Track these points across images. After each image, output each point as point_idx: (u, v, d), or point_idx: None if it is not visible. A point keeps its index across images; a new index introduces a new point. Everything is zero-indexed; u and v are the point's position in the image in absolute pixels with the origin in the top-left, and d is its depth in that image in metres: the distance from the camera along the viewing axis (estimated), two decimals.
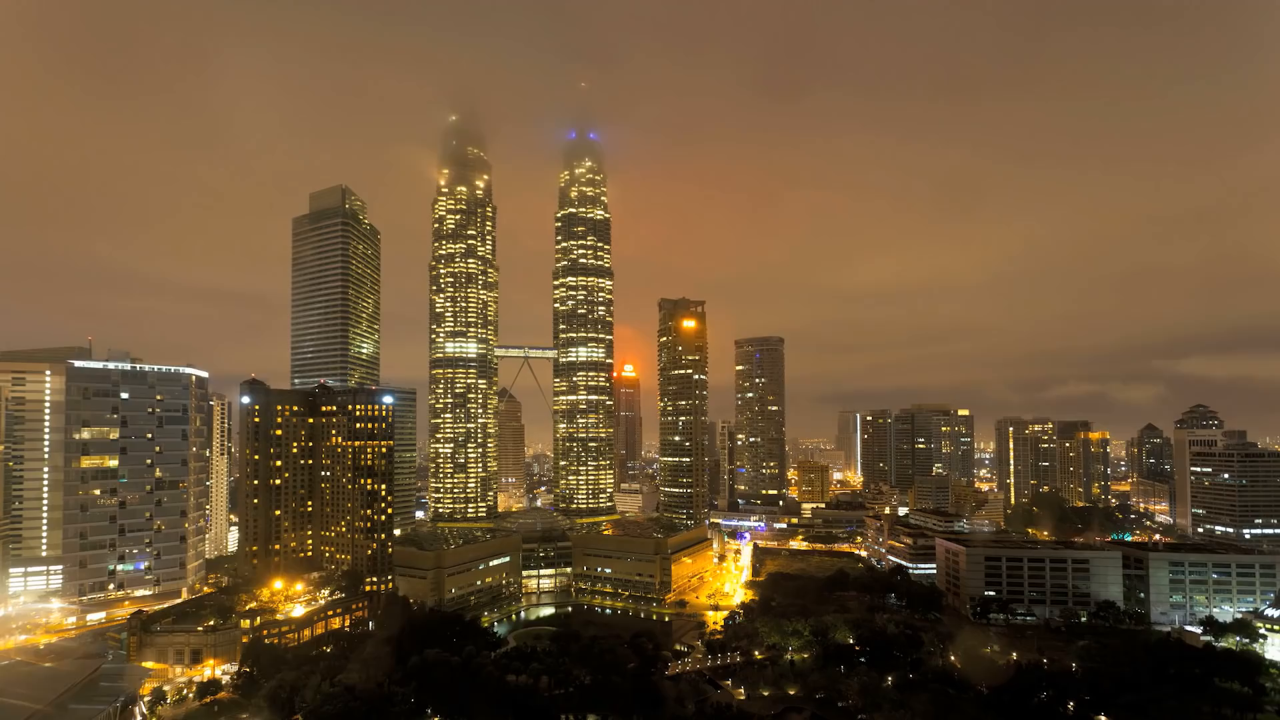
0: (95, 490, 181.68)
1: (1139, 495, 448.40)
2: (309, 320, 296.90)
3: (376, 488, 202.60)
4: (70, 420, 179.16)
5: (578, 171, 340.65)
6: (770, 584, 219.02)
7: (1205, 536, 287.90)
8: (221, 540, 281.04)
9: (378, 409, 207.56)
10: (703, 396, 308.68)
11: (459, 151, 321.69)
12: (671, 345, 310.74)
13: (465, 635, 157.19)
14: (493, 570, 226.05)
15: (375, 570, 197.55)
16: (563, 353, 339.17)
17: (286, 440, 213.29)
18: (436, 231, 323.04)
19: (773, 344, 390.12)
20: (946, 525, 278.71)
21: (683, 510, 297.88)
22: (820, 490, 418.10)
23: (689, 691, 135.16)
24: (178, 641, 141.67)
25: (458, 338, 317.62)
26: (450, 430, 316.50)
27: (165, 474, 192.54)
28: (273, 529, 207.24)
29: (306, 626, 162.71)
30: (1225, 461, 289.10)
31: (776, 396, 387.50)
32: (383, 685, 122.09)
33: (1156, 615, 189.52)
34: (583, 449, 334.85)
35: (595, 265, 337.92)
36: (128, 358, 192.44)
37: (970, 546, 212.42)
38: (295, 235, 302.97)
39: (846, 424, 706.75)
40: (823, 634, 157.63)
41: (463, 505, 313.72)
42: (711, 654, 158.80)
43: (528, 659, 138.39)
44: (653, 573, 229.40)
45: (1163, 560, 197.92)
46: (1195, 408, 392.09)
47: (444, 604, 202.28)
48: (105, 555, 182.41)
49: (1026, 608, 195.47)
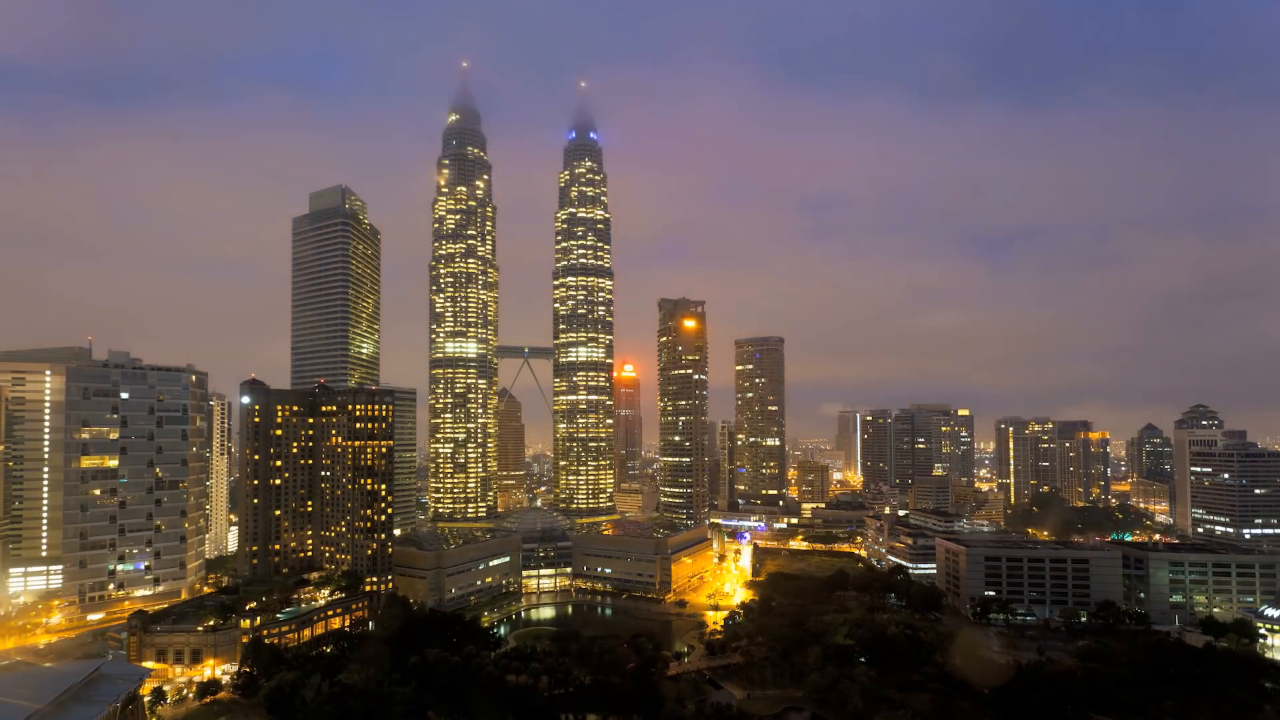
0: (95, 490, 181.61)
1: (1139, 495, 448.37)
2: (309, 320, 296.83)
3: (376, 488, 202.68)
4: (70, 420, 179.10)
5: (578, 171, 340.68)
6: (770, 584, 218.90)
7: (1205, 536, 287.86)
8: (221, 540, 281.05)
9: (378, 409, 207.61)
10: (703, 396, 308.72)
11: (459, 151, 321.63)
12: (671, 345, 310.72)
13: (465, 635, 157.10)
14: (493, 570, 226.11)
15: (375, 570, 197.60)
16: (563, 353, 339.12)
17: (286, 440, 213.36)
18: (436, 231, 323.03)
19: (773, 344, 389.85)
20: (946, 525, 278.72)
21: (683, 510, 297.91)
22: (820, 490, 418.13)
23: (689, 691, 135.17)
24: (178, 641, 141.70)
25: (458, 338, 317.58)
26: (450, 430, 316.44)
27: (165, 474, 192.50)
28: (273, 529, 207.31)
29: (306, 626, 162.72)
30: (1225, 461, 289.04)
31: (776, 396, 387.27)
32: (383, 685, 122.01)
33: (1156, 615, 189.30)
34: (583, 449, 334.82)
35: (595, 265, 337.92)
36: (128, 358, 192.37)
37: (970, 546, 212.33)
38: (295, 235, 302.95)
39: (846, 424, 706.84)
40: (823, 634, 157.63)
41: (463, 505, 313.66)
42: (711, 654, 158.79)
43: (528, 659, 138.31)
44: (653, 573, 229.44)
45: (1163, 560, 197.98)
46: (1195, 407, 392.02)
47: (444, 604, 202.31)
48: (105, 555, 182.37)
49: (1026, 608, 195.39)
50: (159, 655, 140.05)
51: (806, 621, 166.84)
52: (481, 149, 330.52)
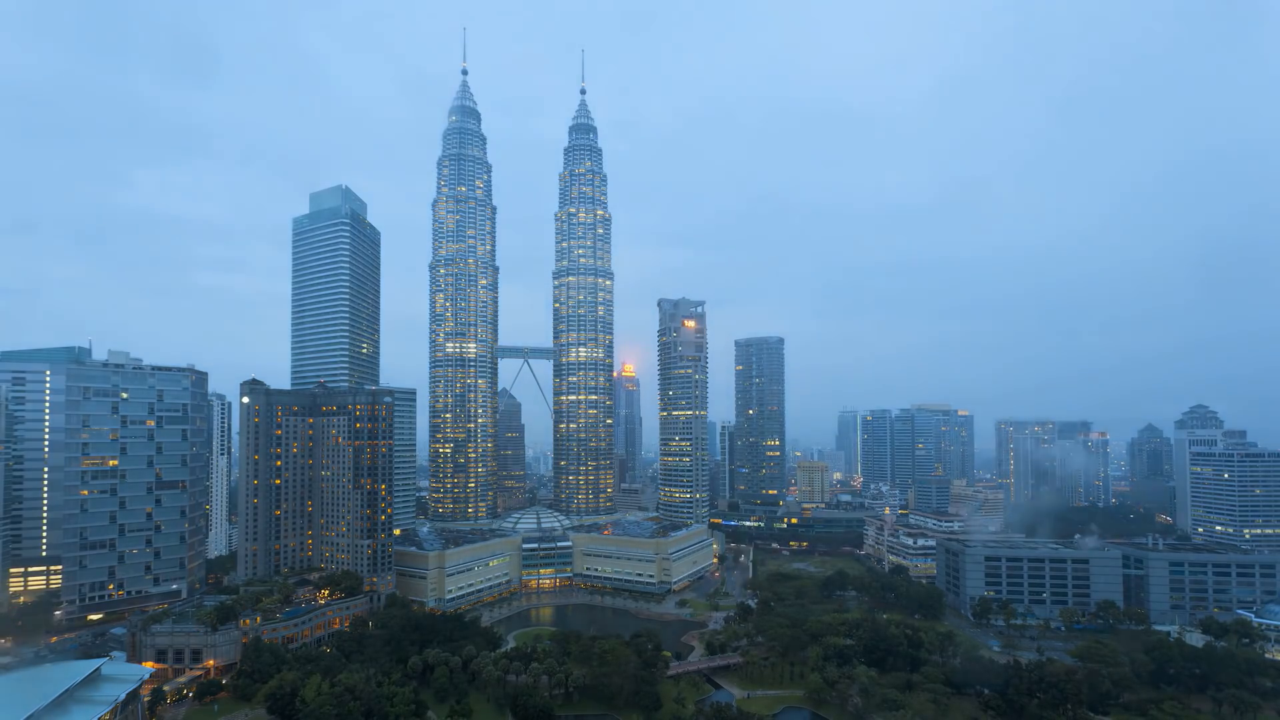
0: (95, 490, 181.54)
1: (1139, 495, 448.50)
2: (310, 320, 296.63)
3: (376, 488, 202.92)
4: (70, 420, 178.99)
5: (578, 171, 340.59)
6: (770, 584, 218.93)
7: (1205, 537, 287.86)
8: (221, 540, 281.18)
9: (378, 409, 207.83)
10: (703, 397, 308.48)
11: (459, 152, 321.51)
12: (671, 345, 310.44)
13: (465, 635, 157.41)
14: (493, 570, 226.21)
15: (375, 570, 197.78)
16: (563, 353, 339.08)
17: (287, 440, 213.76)
18: (436, 231, 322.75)
19: (772, 344, 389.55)
20: (946, 525, 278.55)
21: (683, 510, 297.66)
22: (820, 490, 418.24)
23: (689, 691, 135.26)
24: (178, 641, 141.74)
25: (458, 338, 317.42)
26: (450, 430, 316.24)
27: (165, 474, 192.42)
28: (273, 529, 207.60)
29: (306, 626, 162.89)
30: (1225, 462, 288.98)
31: (776, 396, 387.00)
32: (383, 685, 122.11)
33: (1156, 615, 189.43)
34: (583, 449, 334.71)
35: (595, 265, 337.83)
36: (128, 358, 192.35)
37: (970, 547, 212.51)
38: (295, 235, 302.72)
39: (846, 424, 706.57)
40: (823, 634, 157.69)
41: (463, 505, 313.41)
42: (711, 654, 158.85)
43: (528, 659, 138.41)
44: (653, 573, 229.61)
45: (1162, 561, 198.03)
46: (1195, 408, 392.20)
47: (444, 604, 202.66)
48: (105, 555, 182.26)
49: (1026, 608, 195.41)
50: (159, 655, 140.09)
51: (806, 621, 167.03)
52: (481, 149, 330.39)
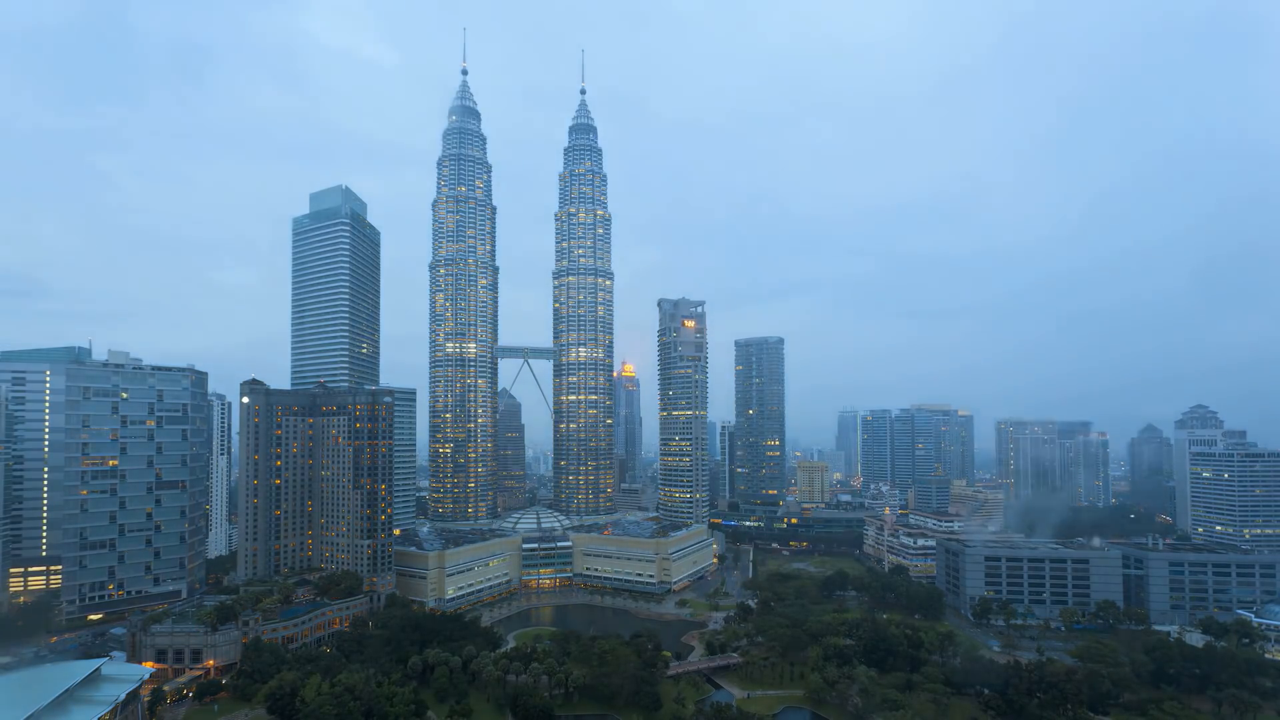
0: (95, 490, 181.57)
1: (1139, 495, 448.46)
2: (310, 320, 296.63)
3: (376, 488, 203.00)
4: (70, 420, 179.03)
5: (577, 171, 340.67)
6: (770, 584, 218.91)
7: (1205, 537, 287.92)
8: (221, 540, 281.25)
9: (378, 409, 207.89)
10: (703, 397, 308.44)
11: (459, 152, 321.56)
12: (671, 345, 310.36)
13: (465, 635, 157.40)
14: (492, 570, 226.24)
15: (375, 570, 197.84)
16: (563, 353, 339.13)
17: (287, 440, 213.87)
18: (436, 231, 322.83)
19: (772, 344, 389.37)
20: (946, 525, 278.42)
21: (683, 510, 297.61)
22: (820, 490, 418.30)
23: (689, 691, 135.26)
24: (178, 641, 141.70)
25: (458, 338, 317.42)
26: (450, 430, 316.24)
27: (165, 474, 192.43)
28: (273, 529, 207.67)
29: (306, 626, 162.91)
30: (1225, 462, 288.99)
31: (776, 396, 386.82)
32: (383, 685, 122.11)
33: (1156, 615, 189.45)
34: (583, 449, 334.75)
35: (595, 265, 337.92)
36: (128, 358, 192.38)
37: (970, 547, 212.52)
38: (296, 235, 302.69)
39: (846, 424, 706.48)
40: (823, 634, 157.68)
41: (463, 505, 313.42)
42: (711, 654, 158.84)
43: (528, 659, 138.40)
44: (653, 573, 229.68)
45: (1162, 561, 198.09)
46: (1195, 408, 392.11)
47: (444, 604, 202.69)
48: (105, 555, 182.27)
49: (1026, 608, 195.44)
50: (159, 655, 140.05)
51: (806, 621, 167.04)
52: (481, 149, 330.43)
